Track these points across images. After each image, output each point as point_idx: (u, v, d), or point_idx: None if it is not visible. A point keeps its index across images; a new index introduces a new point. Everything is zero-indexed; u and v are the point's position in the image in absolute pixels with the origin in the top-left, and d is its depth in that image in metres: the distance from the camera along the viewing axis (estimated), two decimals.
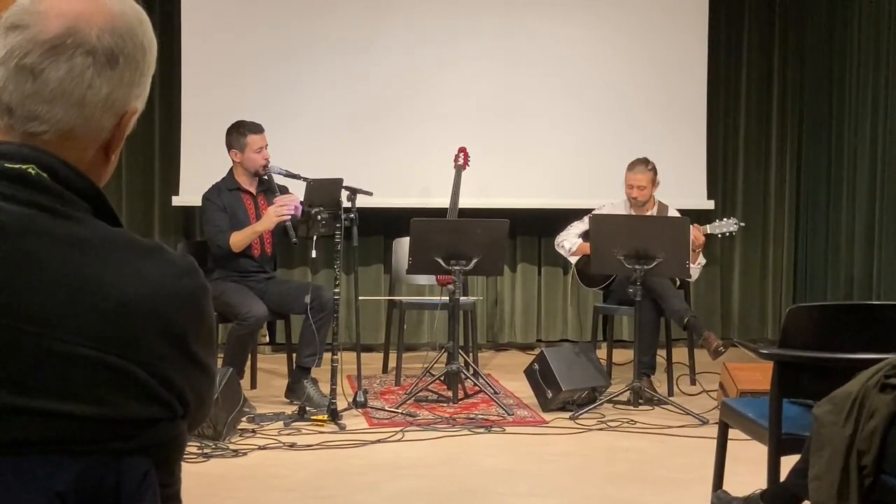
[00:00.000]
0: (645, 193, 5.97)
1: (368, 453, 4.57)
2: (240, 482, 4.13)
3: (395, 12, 7.11)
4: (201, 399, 1.23)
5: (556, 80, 7.21)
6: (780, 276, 7.68)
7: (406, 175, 7.02)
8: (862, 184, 6.86)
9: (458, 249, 5.39)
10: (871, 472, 2.60)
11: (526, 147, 7.17)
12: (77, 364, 1.11)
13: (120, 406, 1.13)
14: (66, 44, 1.18)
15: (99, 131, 1.22)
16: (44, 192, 1.15)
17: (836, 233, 7.20)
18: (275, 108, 6.82)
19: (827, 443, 2.67)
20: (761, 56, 7.60)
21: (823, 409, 2.73)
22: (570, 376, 5.36)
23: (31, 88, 1.18)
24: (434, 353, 6.02)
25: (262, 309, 5.31)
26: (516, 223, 6.61)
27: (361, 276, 6.77)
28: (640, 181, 5.96)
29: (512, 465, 4.41)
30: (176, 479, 1.23)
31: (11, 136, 1.20)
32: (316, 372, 5.42)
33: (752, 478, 3.50)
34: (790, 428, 3.12)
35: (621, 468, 4.37)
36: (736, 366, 5.42)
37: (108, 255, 1.15)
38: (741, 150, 7.64)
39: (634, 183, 5.97)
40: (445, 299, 5.69)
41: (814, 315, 3.25)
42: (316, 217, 5.01)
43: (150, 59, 1.25)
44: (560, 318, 7.52)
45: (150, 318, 1.15)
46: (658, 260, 5.30)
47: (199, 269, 1.23)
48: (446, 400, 5.49)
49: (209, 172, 5.77)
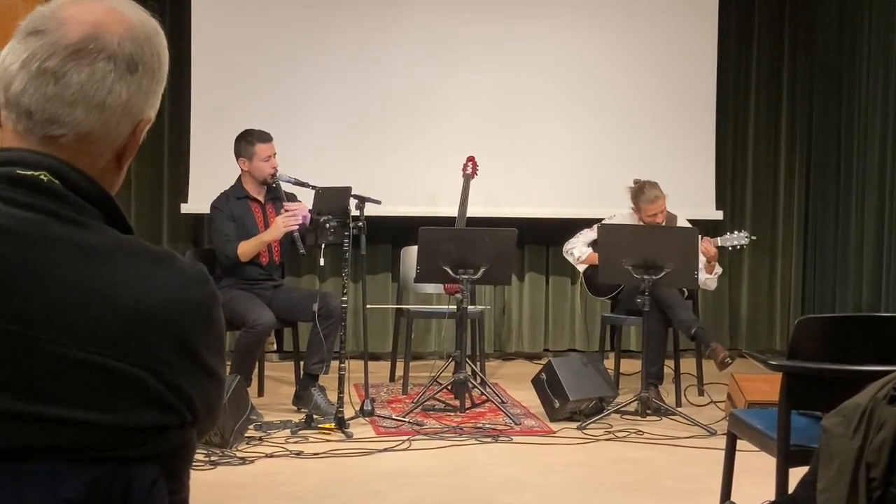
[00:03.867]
0: (665, 214, 5.95)
1: (375, 462, 4.57)
2: (246, 490, 4.13)
3: (403, 21, 7.12)
4: (210, 406, 1.23)
5: (564, 89, 7.22)
6: (789, 287, 7.66)
7: (414, 184, 7.02)
8: (871, 195, 6.84)
9: (466, 258, 5.39)
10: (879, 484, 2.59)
11: (534, 156, 7.17)
12: (87, 371, 1.12)
13: (129, 413, 1.13)
14: (89, 49, 1.19)
15: (115, 137, 1.23)
16: (56, 199, 1.16)
17: (845, 244, 7.19)
18: (283, 116, 6.84)
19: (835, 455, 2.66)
20: (771, 67, 7.59)
21: (832, 421, 2.72)
22: (578, 386, 5.35)
23: (52, 91, 1.19)
24: (441, 361, 6.02)
25: (269, 317, 5.31)
26: (524, 232, 6.60)
27: (369, 285, 6.78)
28: (661, 206, 5.90)
29: (519, 474, 4.41)
30: (184, 487, 1.23)
31: (29, 140, 1.20)
32: (323, 380, 5.42)
33: (759, 489, 3.49)
34: (798, 439, 3.11)
35: (629, 479, 4.36)
36: (744, 377, 5.41)
37: (118, 263, 1.16)
38: (750, 160, 7.63)
39: (656, 210, 5.88)
40: (453, 308, 5.69)
41: (823, 326, 3.24)
42: (324, 225, 5.01)
43: (164, 70, 1.27)
44: (568, 327, 7.51)
45: (161, 326, 1.15)
46: (666, 270, 5.29)
47: (210, 278, 1.24)
48: (453, 409, 5.49)
49: (218, 180, 5.79)
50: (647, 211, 5.90)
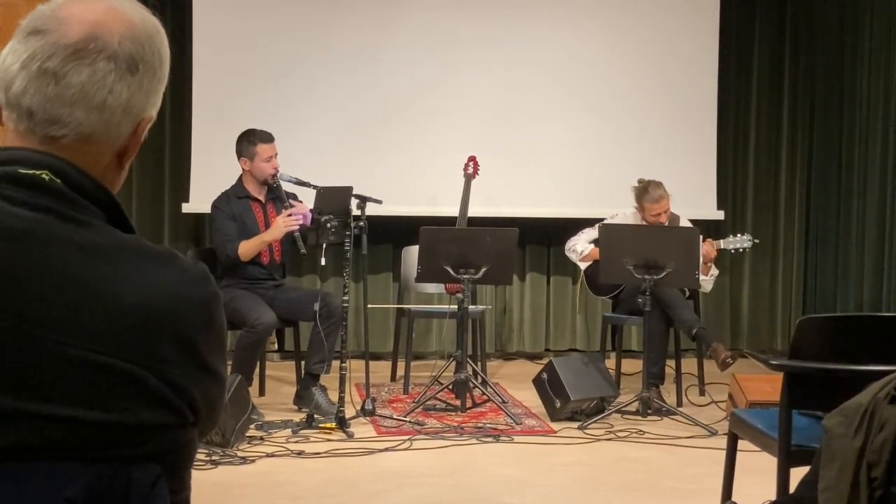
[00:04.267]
0: (668, 214, 5.94)
1: (376, 461, 4.57)
2: (247, 489, 4.13)
3: (404, 21, 7.12)
4: (212, 406, 1.23)
5: (566, 89, 7.22)
6: (790, 287, 7.66)
7: (415, 183, 7.02)
8: (872, 195, 6.84)
9: (467, 258, 5.39)
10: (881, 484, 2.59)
11: (535, 156, 7.17)
12: (88, 370, 1.12)
13: (131, 412, 1.13)
14: (89, 49, 1.19)
15: (116, 137, 1.23)
16: (57, 198, 1.16)
17: (846, 244, 7.18)
18: (285, 116, 6.84)
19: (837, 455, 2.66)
20: (772, 67, 7.59)
21: (833, 421, 2.72)
22: (579, 386, 5.35)
23: (52, 92, 1.18)
24: (442, 361, 6.02)
25: (270, 316, 5.31)
26: (525, 232, 6.60)
27: (370, 284, 6.78)
28: (665, 206, 5.90)
29: (520, 474, 4.41)
30: (185, 486, 1.23)
31: (30, 140, 1.20)
32: (324, 379, 5.42)
33: (761, 489, 3.49)
34: (800, 439, 3.11)
35: (630, 479, 4.36)
36: (745, 377, 5.40)
37: (120, 262, 1.16)
38: (751, 160, 7.62)
39: (660, 210, 5.88)
40: (454, 308, 5.69)
41: (824, 326, 3.24)
42: (326, 225, 5.01)
43: (165, 69, 1.27)
44: (569, 327, 7.51)
45: (162, 325, 1.15)
46: (668, 270, 5.29)
47: (211, 277, 1.23)
48: (454, 409, 5.49)
49: (219, 180, 5.79)
50: (650, 210, 5.89)
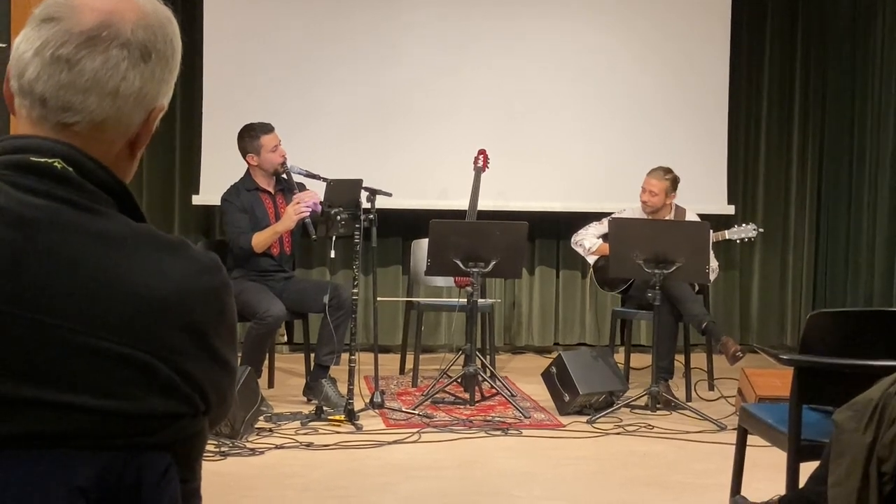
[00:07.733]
0: (655, 201, 5.92)
1: (384, 454, 4.58)
2: (256, 481, 4.14)
3: (415, 14, 7.11)
4: (222, 395, 1.23)
5: (576, 83, 7.20)
6: (800, 282, 7.64)
7: (425, 177, 7.02)
8: (883, 190, 6.82)
9: (477, 251, 5.39)
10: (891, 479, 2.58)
11: (545, 150, 7.16)
12: (99, 358, 1.12)
13: (142, 401, 1.13)
14: (102, 36, 1.19)
15: (128, 125, 1.23)
16: (69, 187, 1.16)
17: (856, 239, 7.16)
18: (294, 109, 6.85)
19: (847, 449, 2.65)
20: (783, 61, 7.56)
21: (843, 416, 2.71)
22: (588, 380, 5.35)
23: (66, 78, 1.19)
24: (451, 354, 6.02)
25: (280, 308, 5.31)
26: (535, 226, 6.60)
27: (380, 277, 6.78)
28: (653, 186, 5.93)
29: (528, 468, 4.41)
30: (196, 476, 1.23)
31: (42, 128, 1.21)
32: (333, 371, 5.43)
33: (770, 484, 3.49)
34: (809, 434, 3.11)
35: (638, 473, 4.36)
36: (755, 371, 5.39)
37: (131, 250, 1.16)
38: (762, 155, 7.60)
39: (647, 187, 5.95)
40: (463, 301, 5.68)
41: (834, 321, 3.23)
42: (335, 217, 5.02)
43: (177, 58, 1.27)
44: (578, 321, 7.50)
45: (173, 314, 1.15)
46: (677, 264, 5.28)
47: (222, 266, 1.23)
48: (463, 402, 5.49)
49: (229, 172, 5.79)
50: (643, 184, 5.97)
